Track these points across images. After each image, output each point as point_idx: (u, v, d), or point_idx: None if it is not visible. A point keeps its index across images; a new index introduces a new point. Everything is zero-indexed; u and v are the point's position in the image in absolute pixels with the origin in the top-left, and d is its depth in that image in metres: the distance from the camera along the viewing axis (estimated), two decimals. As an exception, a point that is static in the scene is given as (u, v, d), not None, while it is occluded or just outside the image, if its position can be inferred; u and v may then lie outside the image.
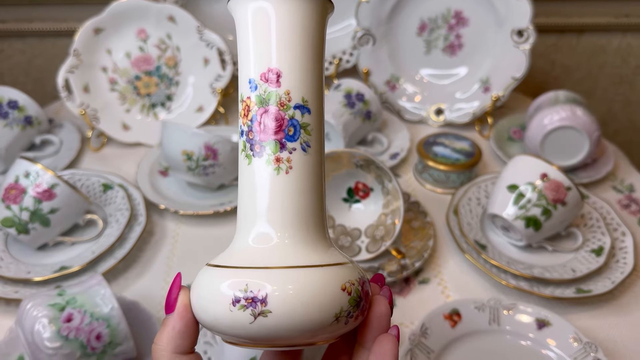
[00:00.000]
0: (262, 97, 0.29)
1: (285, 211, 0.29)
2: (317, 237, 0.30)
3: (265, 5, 0.29)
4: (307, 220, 0.30)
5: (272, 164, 0.29)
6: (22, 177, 0.62)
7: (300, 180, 0.29)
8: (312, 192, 0.30)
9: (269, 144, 0.29)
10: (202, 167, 0.70)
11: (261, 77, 0.29)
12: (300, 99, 0.29)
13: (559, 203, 0.62)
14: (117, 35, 0.85)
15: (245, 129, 0.30)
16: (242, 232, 0.30)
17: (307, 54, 0.30)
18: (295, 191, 0.29)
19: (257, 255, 0.28)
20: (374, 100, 0.82)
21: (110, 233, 0.66)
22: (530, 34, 0.83)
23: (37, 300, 0.49)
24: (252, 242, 0.29)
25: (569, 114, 0.75)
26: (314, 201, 0.30)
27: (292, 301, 0.26)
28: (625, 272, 0.62)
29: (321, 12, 0.30)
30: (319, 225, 0.30)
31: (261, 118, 0.29)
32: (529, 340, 0.55)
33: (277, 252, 0.28)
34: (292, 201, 0.29)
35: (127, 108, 0.88)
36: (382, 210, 0.66)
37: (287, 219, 0.29)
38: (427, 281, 0.64)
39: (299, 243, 0.29)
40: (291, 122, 0.29)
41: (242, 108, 0.30)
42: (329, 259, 0.29)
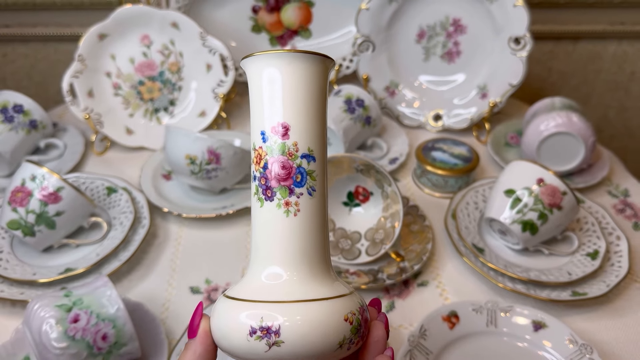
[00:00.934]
0: (272, 147, 0.32)
1: (294, 250, 0.33)
2: (322, 271, 0.33)
3: (274, 68, 0.32)
4: (313, 257, 0.33)
5: (282, 207, 0.32)
6: (29, 180, 0.63)
7: (307, 222, 0.33)
8: (317, 232, 0.33)
9: (279, 190, 0.32)
10: (205, 171, 0.71)
11: (272, 130, 0.32)
12: (307, 148, 0.33)
13: (555, 207, 0.63)
14: (121, 41, 0.87)
15: (258, 174, 0.33)
16: (255, 267, 0.33)
17: (312, 108, 0.33)
18: (302, 231, 0.33)
19: (269, 290, 0.32)
20: (374, 105, 0.83)
21: (115, 236, 0.67)
22: (527, 41, 0.84)
23: (44, 301, 0.50)
24: (265, 278, 0.32)
25: (565, 120, 0.76)
26: (319, 239, 0.33)
27: (302, 332, 0.29)
28: (620, 275, 0.63)
29: (323, 70, 0.33)
30: (323, 260, 0.33)
31: (272, 166, 0.32)
32: (525, 342, 0.56)
33: (287, 287, 0.32)
34: (299, 241, 0.33)
35: (130, 113, 0.89)
36: (382, 213, 0.67)
37: (296, 258, 0.32)
38: (425, 284, 0.65)
39: (306, 278, 0.32)
40: (299, 170, 0.32)
41: (255, 156, 0.33)
42: (333, 291, 0.32)
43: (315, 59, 0.33)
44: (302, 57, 0.32)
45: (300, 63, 0.32)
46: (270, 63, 0.32)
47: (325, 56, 0.33)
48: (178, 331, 0.58)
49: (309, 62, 0.32)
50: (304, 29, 0.98)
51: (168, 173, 0.80)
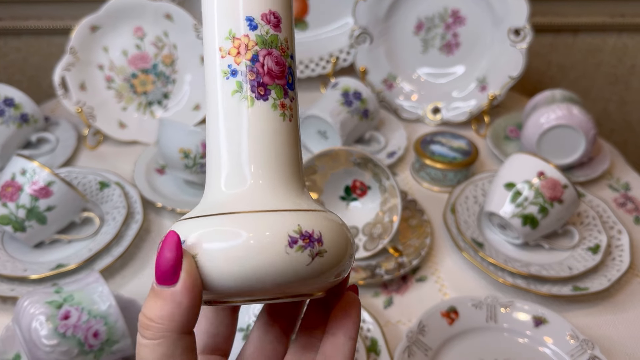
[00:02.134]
0: (264, 38, 0.28)
1: (290, 160, 0.28)
2: (304, 184, 0.30)
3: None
4: (299, 169, 0.29)
5: (279, 109, 0.28)
6: (19, 174, 0.62)
7: (296, 128, 0.29)
8: (299, 141, 0.29)
9: (274, 88, 0.28)
10: (200, 165, 0.70)
11: (262, 17, 0.28)
12: (292, 49, 0.29)
13: (556, 201, 0.62)
14: (114, 33, 0.85)
15: (242, 68, 0.27)
16: (237, 180, 0.28)
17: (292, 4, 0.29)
18: (296, 140, 0.29)
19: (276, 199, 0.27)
20: (371, 98, 0.82)
21: (107, 231, 0.66)
22: (527, 33, 0.83)
23: (34, 298, 0.49)
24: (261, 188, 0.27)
25: (565, 113, 0.75)
26: (300, 149, 0.30)
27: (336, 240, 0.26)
28: (621, 269, 0.62)
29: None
30: (303, 174, 0.30)
31: (264, 60, 0.28)
32: (526, 337, 0.55)
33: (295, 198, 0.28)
34: (294, 151, 0.29)
35: (123, 106, 0.88)
36: (380, 208, 0.66)
37: (291, 169, 0.28)
38: (424, 279, 0.64)
39: (301, 190, 0.29)
40: (289, 70, 0.28)
41: (234, 45, 0.28)
42: (320, 205, 0.29)
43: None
44: None
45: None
46: None
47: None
48: (172, 328, 0.57)
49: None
50: (300, 20, 0.97)
51: (162, 167, 0.79)
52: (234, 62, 0.27)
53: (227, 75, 0.28)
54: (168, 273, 0.23)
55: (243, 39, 0.27)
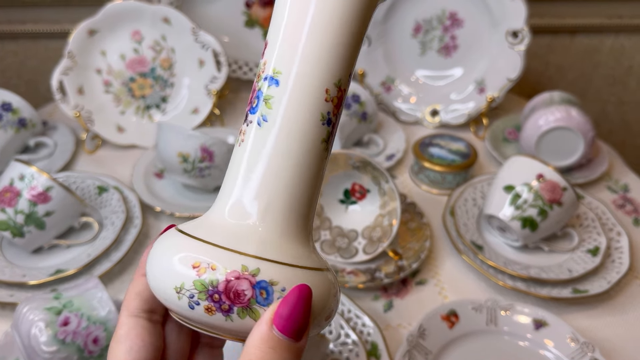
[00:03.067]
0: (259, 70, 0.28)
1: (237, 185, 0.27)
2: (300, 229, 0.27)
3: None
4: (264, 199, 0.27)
5: (239, 135, 0.28)
6: (17, 179, 0.62)
7: (250, 155, 0.27)
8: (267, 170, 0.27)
9: (244, 117, 0.28)
10: (198, 169, 0.70)
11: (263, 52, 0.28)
12: (272, 69, 0.27)
13: (555, 203, 0.62)
14: (112, 37, 0.85)
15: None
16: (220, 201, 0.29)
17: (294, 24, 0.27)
18: (246, 164, 0.27)
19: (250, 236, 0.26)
20: (370, 101, 0.82)
21: (106, 236, 0.66)
22: (525, 35, 0.83)
23: (33, 304, 0.49)
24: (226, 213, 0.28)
25: (563, 115, 0.75)
26: (270, 181, 0.27)
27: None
28: (621, 272, 0.62)
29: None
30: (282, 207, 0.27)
31: None
32: (526, 340, 0.55)
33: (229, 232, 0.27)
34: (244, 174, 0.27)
35: (121, 110, 0.87)
36: (379, 211, 0.66)
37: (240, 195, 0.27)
38: (424, 282, 0.64)
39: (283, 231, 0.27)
40: (257, 94, 0.27)
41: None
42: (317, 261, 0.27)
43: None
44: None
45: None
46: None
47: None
48: (172, 333, 0.57)
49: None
50: (298, 23, 0.97)
51: (160, 171, 0.79)
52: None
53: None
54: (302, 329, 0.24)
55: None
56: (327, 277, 0.27)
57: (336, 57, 0.27)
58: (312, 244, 0.29)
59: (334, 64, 0.27)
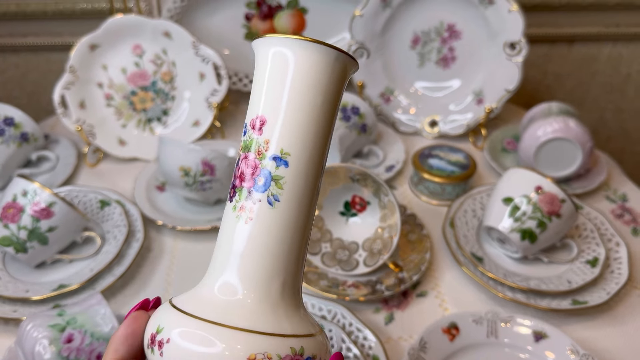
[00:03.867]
0: (246, 142, 0.29)
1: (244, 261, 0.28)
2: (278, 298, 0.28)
3: (262, 51, 0.29)
4: (266, 277, 0.28)
5: (237, 211, 0.28)
6: (20, 195, 0.62)
7: (261, 233, 0.28)
8: (276, 248, 0.28)
9: (239, 190, 0.28)
10: (200, 182, 0.70)
11: (250, 123, 0.29)
12: (279, 149, 0.28)
13: (554, 215, 0.63)
14: (113, 51, 0.86)
15: (234, 171, 0.29)
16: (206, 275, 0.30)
17: (301, 103, 0.28)
18: (255, 242, 0.28)
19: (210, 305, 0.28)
20: (369, 113, 0.82)
21: (108, 250, 0.66)
22: (522, 46, 0.84)
23: (37, 321, 0.49)
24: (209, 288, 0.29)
25: (562, 126, 0.76)
26: (277, 258, 0.28)
27: None
28: (620, 282, 0.62)
29: (328, 64, 0.28)
30: (283, 285, 0.28)
31: (241, 163, 0.29)
32: (527, 352, 0.56)
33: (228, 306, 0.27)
34: (251, 252, 0.28)
35: (123, 123, 0.88)
36: (379, 223, 0.67)
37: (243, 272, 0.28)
38: (424, 294, 0.64)
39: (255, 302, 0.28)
40: (263, 172, 0.28)
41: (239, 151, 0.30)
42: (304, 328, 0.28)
43: (323, 52, 0.27)
44: (308, 45, 0.27)
45: (306, 51, 0.27)
46: (274, 46, 0.28)
47: (342, 52, 0.28)
48: (174, 348, 0.57)
49: (315, 52, 0.27)
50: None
51: (162, 184, 0.79)
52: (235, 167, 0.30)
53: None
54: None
55: (241, 144, 0.29)
56: (318, 341, 0.28)
57: (330, 135, 0.29)
58: (303, 309, 0.30)
59: (328, 140, 0.29)
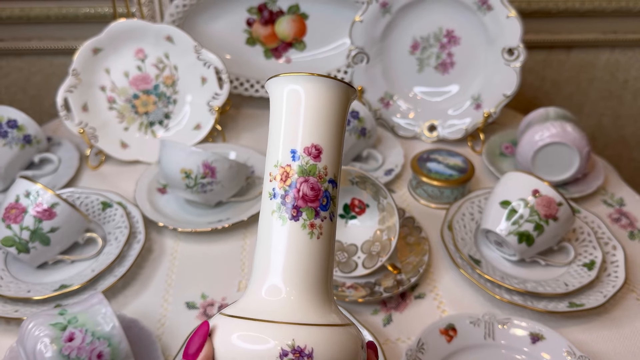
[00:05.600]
0: (303, 167, 0.33)
1: (313, 273, 0.33)
2: (329, 297, 0.34)
3: (312, 91, 0.34)
4: (325, 282, 0.33)
5: (307, 229, 0.33)
6: (23, 196, 0.63)
7: (326, 246, 0.34)
8: (331, 257, 0.34)
9: (305, 210, 0.33)
10: (201, 184, 0.71)
11: (304, 150, 0.33)
12: (333, 174, 0.34)
13: (551, 218, 0.63)
14: (116, 55, 0.87)
15: (282, 192, 0.33)
16: (266, 287, 0.33)
17: (339, 134, 0.35)
18: (323, 255, 0.33)
19: (288, 311, 0.31)
20: (369, 117, 0.83)
21: (110, 251, 0.67)
22: (520, 52, 0.85)
23: (38, 320, 0.50)
24: (280, 299, 0.32)
25: (559, 130, 0.76)
26: (331, 265, 0.34)
27: (333, 356, 0.30)
28: (616, 285, 0.63)
29: (347, 98, 0.35)
30: (330, 286, 0.34)
31: (300, 186, 0.33)
32: (523, 354, 0.56)
33: (305, 310, 0.32)
34: (319, 264, 0.33)
35: (125, 126, 0.89)
36: (378, 226, 0.67)
37: (314, 281, 0.33)
38: (422, 296, 0.65)
39: (322, 303, 0.33)
40: (325, 194, 0.34)
41: (279, 173, 0.34)
42: (345, 319, 0.33)
43: (344, 88, 0.34)
44: (337, 84, 0.34)
45: (335, 89, 0.34)
46: (309, 85, 0.34)
47: (351, 86, 0.35)
48: (174, 347, 0.58)
49: (341, 89, 0.34)
50: (298, 41, 0.99)
51: (163, 187, 0.80)
52: (277, 187, 0.34)
53: (270, 197, 0.34)
54: (187, 353, 0.30)
55: (285, 168, 0.34)
56: (356, 329, 0.33)
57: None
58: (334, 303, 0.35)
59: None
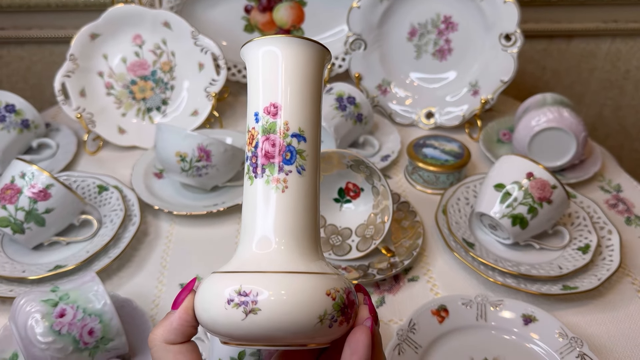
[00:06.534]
0: (264, 127, 0.34)
1: (282, 225, 0.33)
2: (309, 249, 0.34)
3: (272, 49, 0.34)
4: (300, 234, 0.33)
5: (271, 183, 0.33)
6: (18, 177, 0.63)
7: (295, 199, 0.34)
8: (305, 209, 0.34)
9: (268, 166, 0.34)
10: (196, 168, 0.71)
11: (264, 110, 0.34)
12: (297, 128, 0.34)
13: (545, 201, 0.63)
14: (113, 41, 0.87)
15: (249, 154, 0.34)
16: (244, 242, 0.34)
17: (304, 91, 0.34)
18: (290, 208, 0.33)
19: (252, 261, 0.32)
20: (365, 103, 0.83)
21: (105, 233, 0.67)
22: (518, 37, 0.84)
23: (30, 296, 0.50)
24: (252, 249, 0.33)
25: (556, 116, 0.76)
26: (308, 218, 0.34)
27: (280, 301, 0.29)
28: (611, 269, 0.63)
29: (318, 57, 0.35)
30: (311, 238, 0.34)
31: (263, 144, 0.34)
32: (514, 335, 0.56)
33: (272, 258, 0.32)
34: (287, 216, 0.33)
35: (123, 112, 0.89)
36: (373, 210, 0.67)
37: (284, 232, 0.33)
38: (416, 279, 0.64)
39: (291, 252, 0.33)
40: (288, 148, 0.34)
41: (248, 137, 0.35)
42: (317, 268, 0.32)
43: (310, 45, 0.34)
44: (298, 41, 0.34)
45: (296, 47, 0.34)
46: (267, 45, 0.34)
47: (321, 45, 0.35)
48: (167, 327, 0.58)
49: (304, 47, 0.34)
50: (296, 28, 0.99)
51: (160, 171, 0.80)
52: (247, 150, 0.35)
53: (245, 161, 0.35)
54: (176, 301, 0.33)
55: (252, 131, 0.34)
56: (344, 277, 0.33)
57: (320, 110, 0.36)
58: (321, 255, 0.35)
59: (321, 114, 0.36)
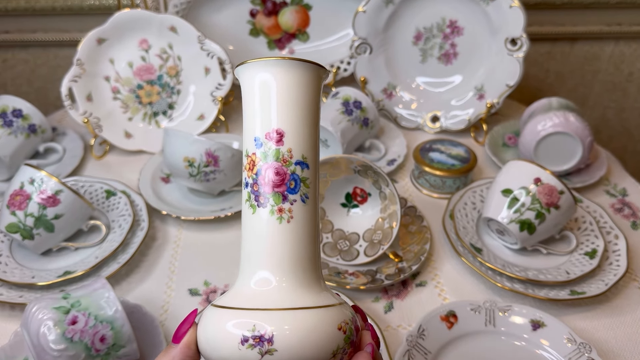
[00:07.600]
0: (266, 153, 0.32)
1: (287, 257, 0.32)
2: (313, 280, 0.33)
3: (269, 75, 0.32)
4: (305, 266, 0.32)
5: (275, 214, 0.32)
6: (27, 183, 0.63)
7: (300, 229, 0.32)
8: (310, 240, 0.33)
9: (272, 196, 0.32)
10: (203, 173, 0.71)
11: (266, 136, 0.32)
12: (301, 155, 0.33)
13: (553, 207, 0.63)
14: (120, 45, 0.87)
15: (250, 181, 0.33)
16: (246, 275, 0.33)
17: (306, 115, 0.33)
18: (295, 239, 0.32)
19: (260, 297, 0.31)
20: (371, 107, 0.83)
21: (113, 238, 0.67)
22: (523, 42, 0.85)
23: (42, 304, 0.50)
24: (255, 285, 0.32)
25: (562, 120, 0.76)
26: (311, 248, 0.33)
27: (296, 340, 0.29)
28: (618, 274, 0.63)
29: (317, 78, 0.34)
30: (314, 269, 0.33)
31: (266, 172, 0.32)
32: (523, 341, 0.56)
33: (279, 294, 0.31)
34: (292, 248, 0.32)
35: (129, 116, 0.89)
36: (380, 214, 0.67)
37: (289, 265, 0.32)
38: (424, 284, 0.65)
39: (300, 285, 0.32)
40: (292, 177, 0.32)
41: (247, 162, 0.33)
42: (325, 300, 0.32)
43: (309, 67, 0.33)
44: (297, 64, 0.32)
45: (296, 70, 0.32)
46: (265, 69, 0.32)
47: (319, 65, 0.34)
48: (176, 333, 0.58)
49: (303, 69, 0.33)
50: (301, 32, 0.99)
51: (167, 176, 0.80)
52: (246, 176, 0.33)
53: (244, 187, 0.33)
54: (176, 335, 0.32)
55: (252, 157, 0.33)
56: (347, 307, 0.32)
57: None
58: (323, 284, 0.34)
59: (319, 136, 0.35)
